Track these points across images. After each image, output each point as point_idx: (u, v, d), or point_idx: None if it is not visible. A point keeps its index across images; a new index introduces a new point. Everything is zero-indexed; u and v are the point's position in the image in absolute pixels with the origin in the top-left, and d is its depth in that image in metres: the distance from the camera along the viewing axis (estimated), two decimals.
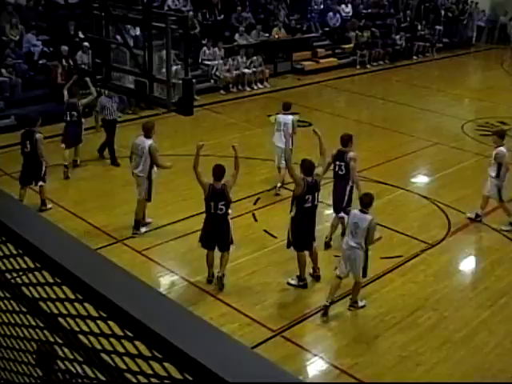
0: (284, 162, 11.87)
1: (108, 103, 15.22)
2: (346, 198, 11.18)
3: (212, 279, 10.24)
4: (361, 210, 9.37)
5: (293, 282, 10.26)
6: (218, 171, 9.91)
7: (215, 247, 10.13)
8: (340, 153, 11.17)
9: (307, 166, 9.94)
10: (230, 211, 10.13)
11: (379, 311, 9.71)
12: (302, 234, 10.08)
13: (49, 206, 12.77)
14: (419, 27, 30.52)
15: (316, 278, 10.45)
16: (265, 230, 12.01)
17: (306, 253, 10.24)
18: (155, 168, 11.74)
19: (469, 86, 26.59)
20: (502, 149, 12.08)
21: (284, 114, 13.65)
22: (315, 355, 8.83)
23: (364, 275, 9.70)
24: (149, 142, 11.50)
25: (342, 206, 11.21)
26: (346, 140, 11.23)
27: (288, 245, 10.23)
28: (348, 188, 11.15)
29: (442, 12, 32.88)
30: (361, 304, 9.78)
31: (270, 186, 13.79)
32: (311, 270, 10.46)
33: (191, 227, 12.08)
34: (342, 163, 11.10)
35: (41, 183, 12.64)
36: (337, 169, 11.18)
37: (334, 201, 11.48)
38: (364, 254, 9.49)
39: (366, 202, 9.38)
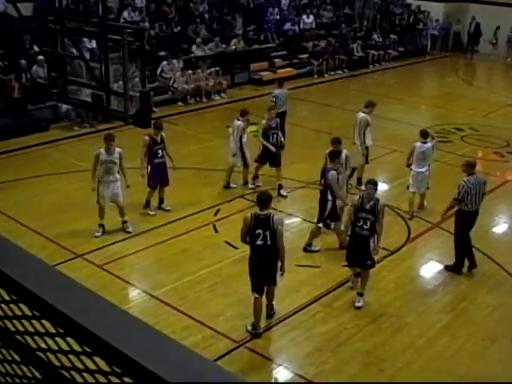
0: None
1: (280, 94, 16.57)
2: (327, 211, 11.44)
3: None
4: (423, 142, 12.54)
5: (249, 328, 9.37)
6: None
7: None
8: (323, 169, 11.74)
9: (261, 199, 9.07)
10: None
11: (342, 319, 9.75)
12: (257, 275, 9.16)
13: (151, 212, 13.19)
14: (374, 36, 30.89)
15: (268, 316, 9.66)
16: (226, 241, 11.98)
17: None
18: None
19: (425, 94, 26.95)
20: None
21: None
22: (280, 365, 8.81)
23: (427, 188, 12.90)
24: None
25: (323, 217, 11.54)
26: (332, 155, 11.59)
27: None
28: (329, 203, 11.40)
29: (397, 21, 33.35)
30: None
31: (230, 197, 13.78)
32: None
33: (152, 240, 12.01)
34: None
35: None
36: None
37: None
38: (429, 174, 12.70)
39: (425, 134, 12.67)
